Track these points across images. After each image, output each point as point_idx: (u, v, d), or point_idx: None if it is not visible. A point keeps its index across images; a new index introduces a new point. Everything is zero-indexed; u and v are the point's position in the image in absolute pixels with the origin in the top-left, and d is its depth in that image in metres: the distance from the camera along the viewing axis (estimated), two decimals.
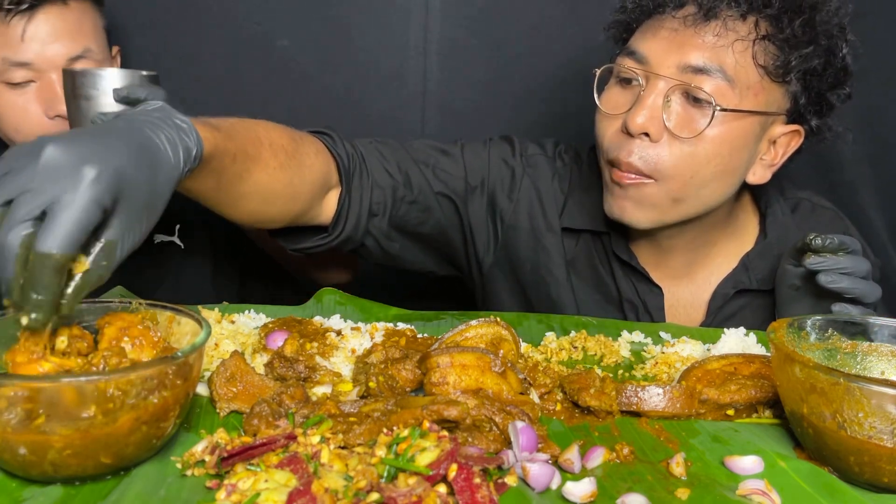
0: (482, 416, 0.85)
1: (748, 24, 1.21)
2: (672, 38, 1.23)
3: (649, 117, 1.21)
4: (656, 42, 1.24)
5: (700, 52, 1.21)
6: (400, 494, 0.68)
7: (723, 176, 1.26)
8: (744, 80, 1.21)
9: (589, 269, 1.45)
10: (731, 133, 1.23)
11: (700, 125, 1.21)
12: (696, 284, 1.43)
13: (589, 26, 1.88)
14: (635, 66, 1.25)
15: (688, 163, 1.23)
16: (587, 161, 1.47)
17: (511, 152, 1.46)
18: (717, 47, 1.20)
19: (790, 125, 1.28)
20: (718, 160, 1.24)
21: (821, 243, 1.15)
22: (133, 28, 1.83)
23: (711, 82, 1.20)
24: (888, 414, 0.78)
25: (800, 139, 1.30)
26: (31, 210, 0.70)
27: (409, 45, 1.89)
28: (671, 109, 1.22)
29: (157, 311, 0.91)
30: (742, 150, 1.25)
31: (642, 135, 1.23)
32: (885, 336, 0.99)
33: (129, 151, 0.77)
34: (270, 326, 1.15)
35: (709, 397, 0.97)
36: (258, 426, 0.83)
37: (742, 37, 1.20)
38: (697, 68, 1.20)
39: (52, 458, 0.72)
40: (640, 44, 1.26)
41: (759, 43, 1.20)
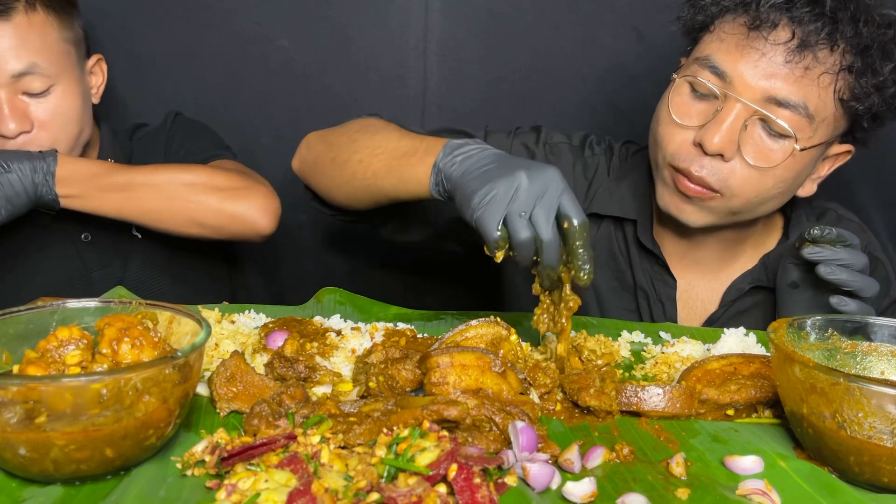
0: (482, 416, 0.85)
1: (835, 54, 1.19)
2: (761, 62, 1.19)
3: (727, 140, 1.21)
4: (743, 63, 1.20)
5: (788, 85, 1.19)
6: (400, 494, 0.68)
7: (783, 196, 1.30)
8: (822, 115, 1.21)
9: (607, 254, 1.48)
10: (800, 164, 1.25)
11: (775, 157, 1.22)
12: (716, 279, 1.45)
13: (589, 26, 1.89)
14: (716, 82, 1.23)
15: (755, 186, 1.25)
16: (619, 154, 1.50)
17: (535, 140, 1.50)
18: (804, 81, 1.19)
19: (844, 144, 1.30)
20: (783, 185, 1.26)
21: (819, 233, 1.15)
22: (133, 28, 1.83)
23: (791, 116, 1.20)
24: (888, 414, 0.78)
25: (849, 156, 1.32)
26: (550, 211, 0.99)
27: (409, 45, 1.89)
28: (748, 135, 1.22)
29: (156, 311, 0.91)
30: (804, 174, 1.29)
31: (717, 155, 1.23)
32: (885, 336, 0.99)
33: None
34: (270, 326, 1.15)
35: (709, 397, 0.97)
36: (258, 426, 0.83)
37: (828, 70, 1.19)
38: (780, 101, 1.19)
39: (54, 455, 0.73)
40: (724, 59, 1.22)
41: (843, 75, 1.19)
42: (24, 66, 1.39)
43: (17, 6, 1.39)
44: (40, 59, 1.41)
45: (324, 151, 1.37)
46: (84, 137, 1.53)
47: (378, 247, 1.98)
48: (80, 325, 0.87)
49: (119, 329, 0.86)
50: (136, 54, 1.84)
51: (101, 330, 0.87)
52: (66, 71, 1.46)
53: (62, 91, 1.45)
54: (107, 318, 0.88)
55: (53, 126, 1.45)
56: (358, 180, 1.27)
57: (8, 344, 0.86)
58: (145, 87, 1.88)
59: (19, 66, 1.39)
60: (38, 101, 1.43)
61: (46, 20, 1.43)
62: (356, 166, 1.27)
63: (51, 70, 1.42)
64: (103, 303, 0.93)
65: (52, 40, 1.44)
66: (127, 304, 0.92)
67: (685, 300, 1.45)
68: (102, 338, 0.86)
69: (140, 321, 0.88)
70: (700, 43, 1.30)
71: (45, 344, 0.84)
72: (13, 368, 0.83)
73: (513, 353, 1.03)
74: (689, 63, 1.29)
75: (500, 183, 0.99)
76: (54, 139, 1.45)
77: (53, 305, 0.91)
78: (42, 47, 1.41)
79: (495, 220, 0.99)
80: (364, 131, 1.32)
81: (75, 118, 1.48)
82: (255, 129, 1.92)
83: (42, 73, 1.41)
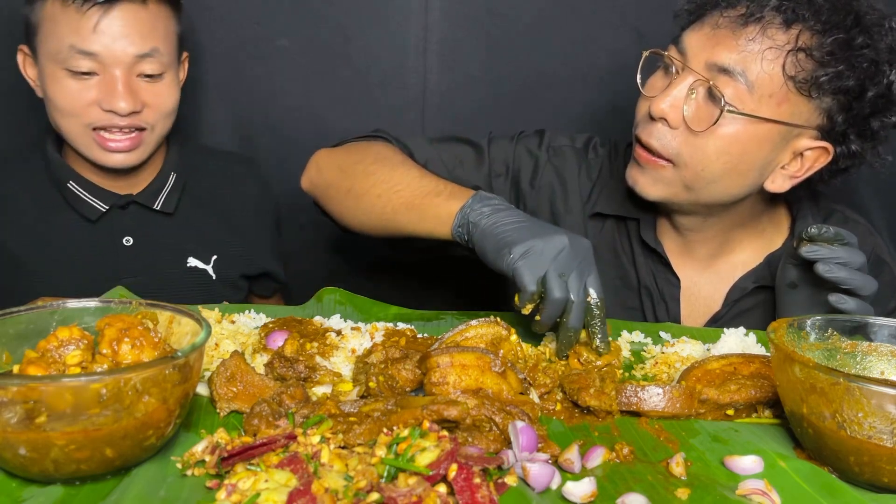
0: (482, 416, 0.85)
1: (789, 34, 1.20)
2: (711, 34, 1.25)
3: (670, 105, 1.26)
4: (697, 36, 1.27)
5: (729, 53, 1.22)
6: (400, 494, 0.68)
7: (732, 174, 1.28)
8: (766, 88, 1.22)
9: (610, 254, 1.49)
10: (743, 135, 1.24)
11: (708, 119, 1.24)
12: (719, 278, 1.45)
13: (588, 25, 1.89)
14: (675, 56, 1.29)
15: (697, 154, 1.26)
16: (624, 155, 1.51)
17: (538, 144, 1.52)
18: (747, 52, 1.21)
19: (819, 141, 1.27)
20: (727, 158, 1.26)
21: (816, 232, 1.16)
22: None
23: (732, 84, 1.22)
24: (888, 414, 0.78)
25: (827, 155, 1.29)
26: (583, 278, 1.09)
27: (409, 45, 1.89)
28: (692, 102, 1.26)
29: (156, 312, 0.91)
30: (755, 153, 1.27)
31: (662, 120, 1.27)
32: (884, 336, 0.99)
33: None
34: (270, 326, 1.15)
35: (709, 397, 0.97)
36: (258, 426, 0.83)
37: (777, 46, 1.21)
38: (723, 68, 1.22)
39: (54, 455, 0.73)
40: (687, 35, 1.29)
41: (794, 54, 1.20)
42: (149, 48, 1.46)
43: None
44: (161, 45, 1.48)
45: (338, 178, 1.41)
46: (167, 132, 1.59)
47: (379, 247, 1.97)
48: (80, 325, 0.87)
49: (119, 329, 0.86)
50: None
51: (101, 330, 0.87)
52: (174, 62, 1.54)
53: (170, 80, 1.53)
54: (107, 318, 0.88)
55: (159, 112, 1.51)
56: (375, 213, 1.33)
57: (8, 344, 0.86)
58: None
59: (144, 48, 1.45)
60: (150, 85, 1.49)
61: (169, 12, 1.52)
62: (374, 200, 1.32)
63: (166, 58, 1.50)
64: (103, 303, 0.93)
65: (171, 31, 1.53)
66: (127, 305, 0.92)
67: (688, 299, 1.45)
68: (102, 338, 0.86)
69: (140, 321, 0.88)
70: None
71: (46, 344, 0.84)
72: (13, 368, 0.83)
73: (513, 353, 1.03)
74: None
75: (542, 241, 1.08)
76: (155, 124, 1.52)
77: (53, 305, 0.91)
78: (164, 35, 1.50)
79: (536, 275, 1.07)
80: (381, 163, 1.36)
81: (174, 107, 1.56)
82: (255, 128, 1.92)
83: (160, 59, 1.48)
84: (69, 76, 1.44)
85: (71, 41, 1.41)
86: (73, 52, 1.41)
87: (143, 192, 1.61)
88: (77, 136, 1.49)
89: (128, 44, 1.44)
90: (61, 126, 1.49)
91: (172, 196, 1.62)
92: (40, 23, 1.45)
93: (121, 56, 1.44)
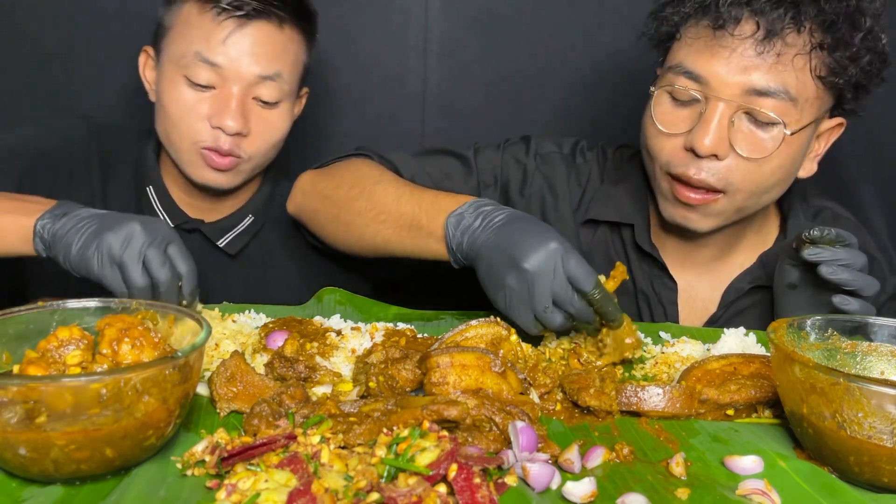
0: (482, 416, 0.85)
1: (804, 35, 1.20)
2: (733, 59, 1.21)
3: (716, 139, 1.22)
4: (716, 63, 1.22)
5: (764, 74, 1.20)
6: (400, 494, 0.68)
7: (784, 182, 1.31)
8: (804, 95, 1.22)
9: (605, 261, 1.47)
10: (794, 146, 1.25)
11: (768, 146, 1.23)
12: (715, 279, 1.45)
13: (589, 25, 1.89)
14: (694, 87, 1.24)
15: (755, 178, 1.25)
16: (613, 159, 1.50)
17: (525, 151, 1.50)
18: (779, 67, 1.20)
19: (834, 118, 1.31)
20: (782, 171, 1.27)
21: (818, 234, 1.15)
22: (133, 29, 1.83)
23: (775, 104, 1.21)
24: (888, 414, 0.78)
25: (842, 129, 1.33)
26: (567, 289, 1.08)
27: (409, 45, 1.89)
28: (737, 131, 1.23)
29: (157, 312, 0.91)
30: (800, 155, 1.29)
31: (711, 157, 1.24)
32: (885, 336, 0.99)
33: None
34: (270, 326, 1.15)
35: (709, 397, 0.97)
36: (258, 426, 0.83)
37: (800, 50, 1.20)
38: (761, 91, 1.20)
39: (54, 455, 0.73)
40: (697, 63, 1.24)
41: (815, 53, 1.20)
42: (273, 71, 1.40)
43: (291, 18, 1.42)
44: (286, 71, 1.43)
45: (323, 206, 1.39)
46: (266, 164, 1.52)
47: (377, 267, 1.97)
48: (80, 325, 0.87)
49: (119, 329, 0.86)
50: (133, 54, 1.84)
51: (101, 330, 0.87)
52: (293, 92, 1.48)
53: (284, 110, 1.46)
54: (107, 318, 0.88)
55: (262, 141, 1.44)
56: (367, 241, 1.32)
57: (8, 344, 0.86)
58: None
59: (269, 70, 1.40)
60: (263, 111, 1.42)
61: (302, 40, 1.46)
62: (363, 230, 1.31)
63: (287, 87, 1.44)
64: (103, 303, 0.93)
65: (299, 60, 1.47)
66: (127, 305, 0.92)
67: (685, 301, 1.45)
68: (103, 338, 0.86)
69: (140, 321, 0.88)
70: (670, 52, 1.31)
71: (46, 344, 0.84)
72: (13, 368, 0.83)
73: (513, 353, 1.03)
74: (664, 73, 1.31)
75: (511, 282, 1.08)
76: (254, 154, 1.44)
77: (54, 305, 0.91)
78: (292, 62, 1.44)
79: (529, 321, 1.09)
80: (359, 187, 1.34)
81: (279, 140, 1.48)
82: None
83: (280, 86, 1.42)
84: (187, 84, 1.38)
85: (198, 48, 1.37)
86: (197, 60, 1.37)
87: (213, 225, 1.54)
88: (182, 151, 1.43)
89: (253, 62, 1.38)
90: (167, 135, 1.43)
91: (241, 239, 1.56)
92: (173, 25, 1.41)
93: (243, 73, 1.38)
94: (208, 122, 1.39)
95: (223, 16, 1.36)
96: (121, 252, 1.09)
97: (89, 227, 1.12)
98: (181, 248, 1.14)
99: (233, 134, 1.39)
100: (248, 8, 1.37)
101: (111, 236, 1.09)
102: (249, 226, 1.57)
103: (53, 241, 1.14)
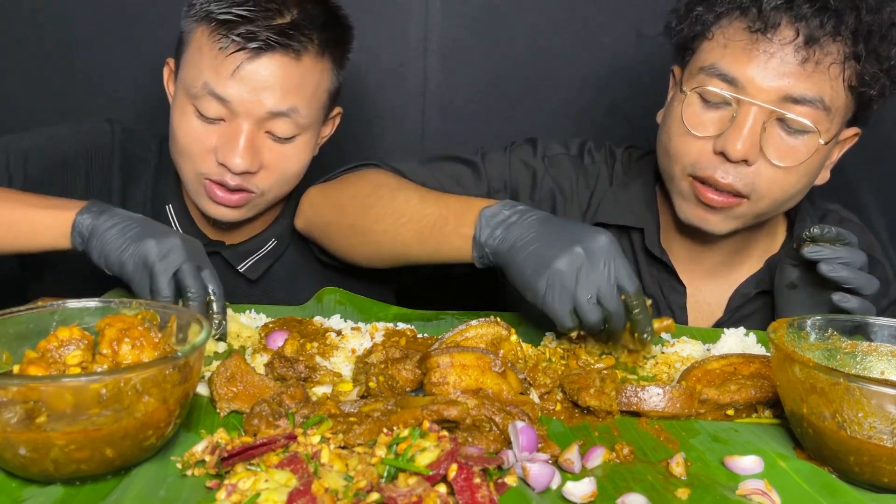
0: (482, 416, 0.85)
1: (839, 43, 1.19)
2: (770, 63, 1.19)
3: (749, 145, 1.20)
4: (753, 67, 1.20)
5: (802, 82, 1.18)
6: (400, 494, 0.68)
7: (804, 190, 1.30)
8: (836, 105, 1.22)
9: None
10: (821, 155, 1.25)
11: (800, 154, 1.22)
12: (723, 283, 1.44)
13: (589, 26, 1.89)
14: (728, 90, 1.22)
15: (782, 185, 1.25)
16: (622, 160, 1.48)
17: (532, 153, 1.48)
18: (816, 75, 1.19)
19: (851, 128, 1.31)
20: (807, 179, 1.27)
21: (819, 232, 1.15)
22: (131, 29, 1.82)
23: (810, 112, 1.20)
24: (888, 414, 0.78)
25: (856, 139, 1.33)
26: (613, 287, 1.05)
27: (409, 45, 1.89)
28: (768, 137, 1.22)
29: (157, 312, 0.91)
30: (823, 163, 1.29)
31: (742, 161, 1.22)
32: (885, 336, 0.99)
33: None
34: (270, 326, 1.15)
35: (709, 397, 0.97)
36: (258, 426, 0.83)
37: (835, 59, 1.19)
38: (797, 98, 1.19)
39: (54, 455, 0.73)
40: (732, 66, 1.22)
41: (849, 63, 1.19)
42: (287, 107, 1.30)
43: (311, 48, 1.31)
44: (303, 106, 1.32)
45: (337, 216, 1.35)
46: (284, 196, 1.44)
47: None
48: (80, 325, 0.87)
49: (119, 329, 0.86)
50: (137, 54, 1.84)
51: (101, 330, 0.87)
52: (314, 124, 1.38)
53: (302, 143, 1.37)
54: (107, 318, 0.88)
55: (277, 176, 1.36)
56: (385, 248, 1.28)
57: (8, 344, 0.86)
58: (142, 86, 1.88)
59: (282, 106, 1.30)
60: (276, 145, 1.33)
61: (325, 69, 1.36)
62: (381, 236, 1.27)
63: (305, 121, 1.34)
64: (104, 303, 0.93)
65: (321, 90, 1.36)
66: (127, 305, 0.92)
67: (692, 305, 1.44)
68: (103, 338, 0.86)
69: (140, 321, 0.88)
70: (699, 52, 1.28)
71: (46, 344, 0.84)
72: (13, 368, 0.83)
73: (513, 353, 1.03)
74: (694, 73, 1.28)
75: (560, 265, 1.03)
76: (268, 189, 1.36)
77: (54, 305, 0.91)
78: (311, 95, 1.34)
79: (566, 311, 1.04)
80: (377, 195, 1.30)
81: (296, 173, 1.40)
82: None
83: (296, 121, 1.32)
84: (196, 116, 1.30)
85: (207, 78, 1.27)
86: (205, 92, 1.28)
87: (233, 249, 1.48)
88: (189, 180, 1.36)
89: (266, 97, 1.28)
90: (177, 161, 1.37)
91: (262, 264, 1.50)
92: (188, 45, 1.33)
93: (254, 109, 1.28)
94: (214, 156, 1.31)
95: (233, 46, 1.26)
96: (156, 261, 1.07)
97: (131, 229, 1.11)
98: (213, 273, 1.12)
99: (240, 173, 1.31)
100: (259, 42, 1.26)
101: (152, 244, 1.08)
102: (271, 250, 1.51)
103: (92, 235, 1.13)
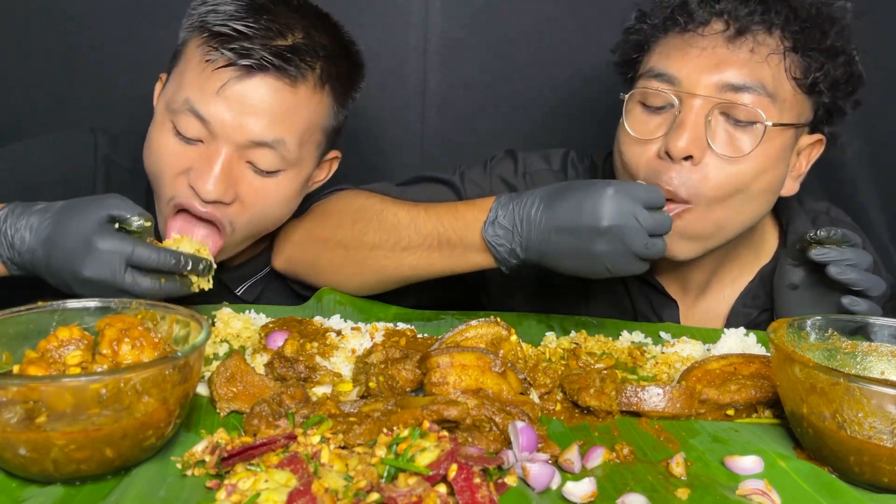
0: (482, 416, 0.85)
1: (775, 37, 1.20)
2: (704, 56, 1.19)
3: (692, 139, 1.16)
4: (687, 62, 1.20)
5: (738, 69, 1.18)
6: (400, 494, 0.68)
7: (765, 193, 1.24)
8: (781, 94, 1.20)
9: (601, 285, 1.42)
10: (773, 148, 1.20)
11: (747, 144, 1.18)
12: (713, 298, 1.42)
13: (589, 26, 1.89)
14: (667, 88, 1.21)
15: (732, 183, 1.19)
16: (603, 170, 1.44)
17: (513, 170, 1.45)
18: (753, 63, 1.18)
19: (813, 135, 1.28)
20: (763, 177, 1.21)
21: (825, 234, 1.14)
22: (131, 29, 1.82)
23: (752, 99, 1.17)
24: (888, 414, 0.78)
25: (821, 147, 1.29)
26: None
27: (409, 45, 1.89)
28: (713, 130, 1.18)
29: (156, 312, 0.91)
30: (781, 164, 1.24)
31: (687, 159, 1.18)
32: (885, 336, 0.99)
33: None
34: (270, 326, 1.15)
35: (709, 397, 0.97)
36: (258, 426, 0.84)
37: (774, 50, 1.19)
38: (737, 86, 1.17)
39: (54, 455, 0.73)
40: (668, 65, 1.22)
41: (789, 55, 1.19)
42: (272, 138, 1.18)
43: (310, 77, 1.20)
44: (292, 139, 1.20)
45: (324, 251, 1.31)
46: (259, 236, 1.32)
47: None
48: (80, 325, 0.87)
49: (119, 329, 0.86)
50: (139, 53, 1.84)
51: (101, 330, 0.87)
52: (304, 162, 1.25)
53: (286, 181, 1.24)
54: (107, 318, 0.88)
55: (253, 214, 1.23)
56: (388, 274, 1.26)
57: (8, 344, 0.86)
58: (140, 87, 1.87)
59: (266, 136, 1.17)
60: (256, 178, 1.21)
61: (323, 103, 1.24)
62: (382, 262, 1.24)
63: (292, 156, 1.21)
64: (103, 303, 0.93)
65: (315, 126, 1.25)
66: (127, 305, 0.92)
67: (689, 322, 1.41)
68: (103, 338, 0.86)
69: (140, 322, 0.88)
70: (638, 64, 1.30)
71: (46, 344, 0.84)
72: (13, 368, 0.83)
73: (513, 353, 1.03)
74: (634, 82, 1.29)
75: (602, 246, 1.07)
76: (243, 225, 1.23)
77: (53, 305, 0.91)
78: (303, 129, 1.22)
79: (636, 265, 1.10)
80: (364, 220, 1.26)
81: (275, 216, 1.28)
82: None
83: (282, 154, 1.20)
84: (174, 133, 1.18)
85: (188, 94, 1.16)
86: (185, 109, 1.16)
87: (230, 273, 1.39)
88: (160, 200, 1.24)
89: (251, 122, 1.15)
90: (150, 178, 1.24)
91: (258, 286, 1.44)
92: (179, 57, 1.23)
93: (235, 134, 1.16)
94: (186, 178, 1.18)
95: (221, 61, 1.14)
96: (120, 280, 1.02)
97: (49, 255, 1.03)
98: (146, 215, 1.04)
99: (210, 201, 1.17)
100: (251, 60, 1.14)
101: (89, 270, 1.01)
102: (269, 274, 1.45)
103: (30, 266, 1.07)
